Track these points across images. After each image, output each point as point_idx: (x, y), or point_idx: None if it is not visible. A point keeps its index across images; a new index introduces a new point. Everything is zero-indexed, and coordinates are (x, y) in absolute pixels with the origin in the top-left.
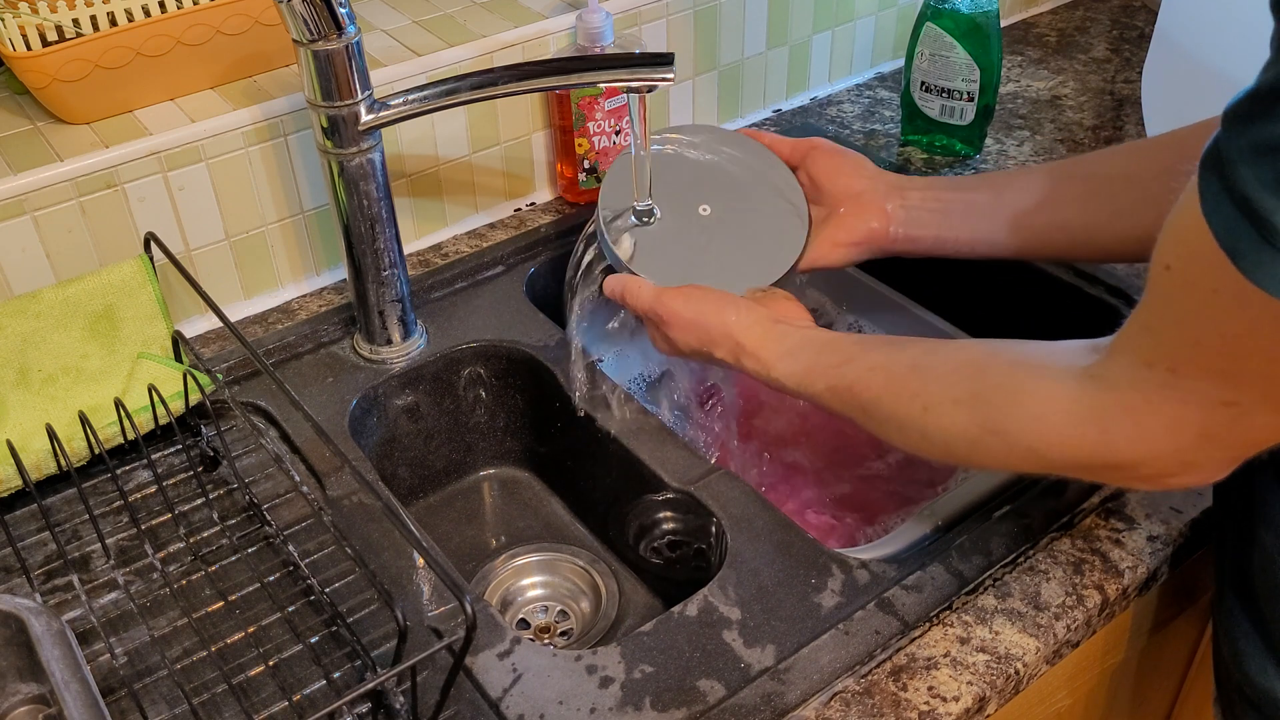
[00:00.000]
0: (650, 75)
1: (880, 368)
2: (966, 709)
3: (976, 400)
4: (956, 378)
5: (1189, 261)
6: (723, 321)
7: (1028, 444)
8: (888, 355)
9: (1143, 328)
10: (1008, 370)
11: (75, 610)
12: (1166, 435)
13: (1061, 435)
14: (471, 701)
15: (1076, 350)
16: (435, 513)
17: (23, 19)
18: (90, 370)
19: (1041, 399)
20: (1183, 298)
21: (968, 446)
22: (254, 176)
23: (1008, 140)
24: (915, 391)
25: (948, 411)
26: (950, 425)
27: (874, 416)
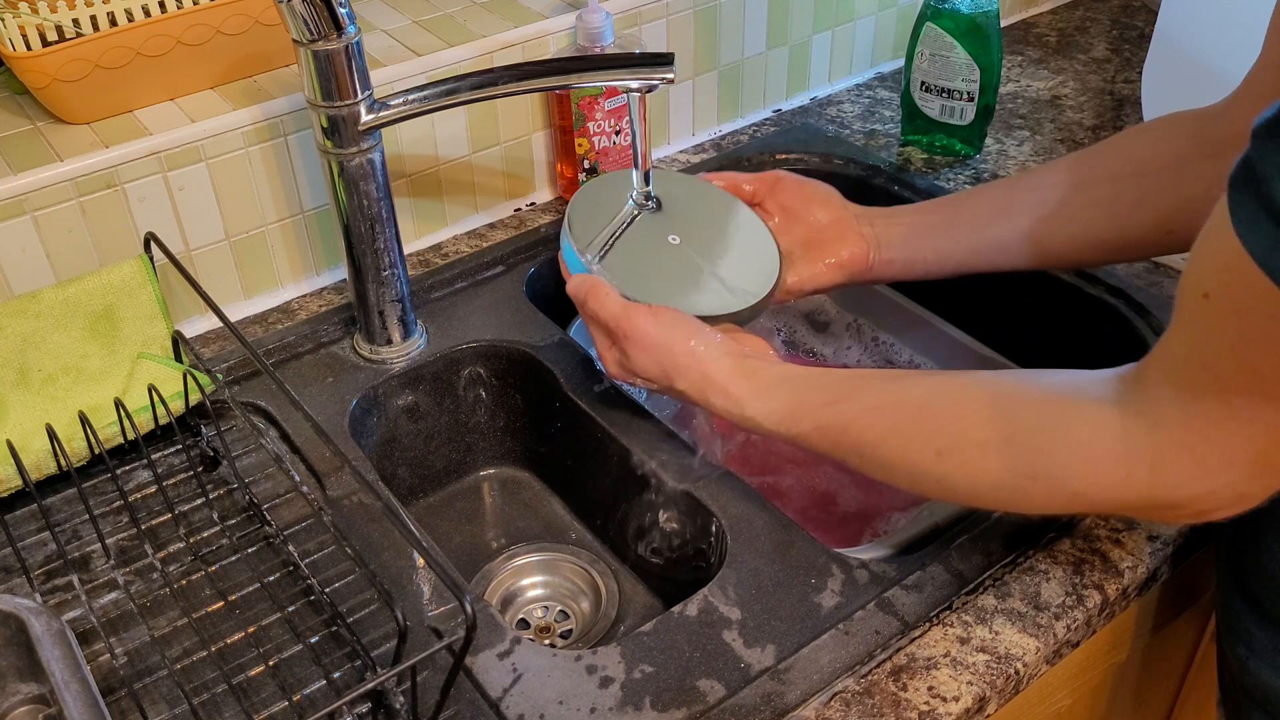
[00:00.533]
0: (650, 75)
1: (885, 408)
2: (966, 709)
3: (1008, 444)
4: (979, 419)
5: (1231, 287)
6: (690, 350)
7: (1074, 489)
8: (891, 394)
9: (1188, 359)
10: (1039, 409)
11: (75, 610)
12: (1224, 469)
13: (1113, 478)
14: (471, 701)
15: (1108, 384)
16: (435, 513)
17: (23, 19)
18: (90, 370)
19: (1085, 441)
20: (1231, 326)
21: (1001, 493)
22: (254, 176)
23: (1008, 140)
24: (930, 434)
25: (973, 456)
26: (979, 471)
27: (874, 460)
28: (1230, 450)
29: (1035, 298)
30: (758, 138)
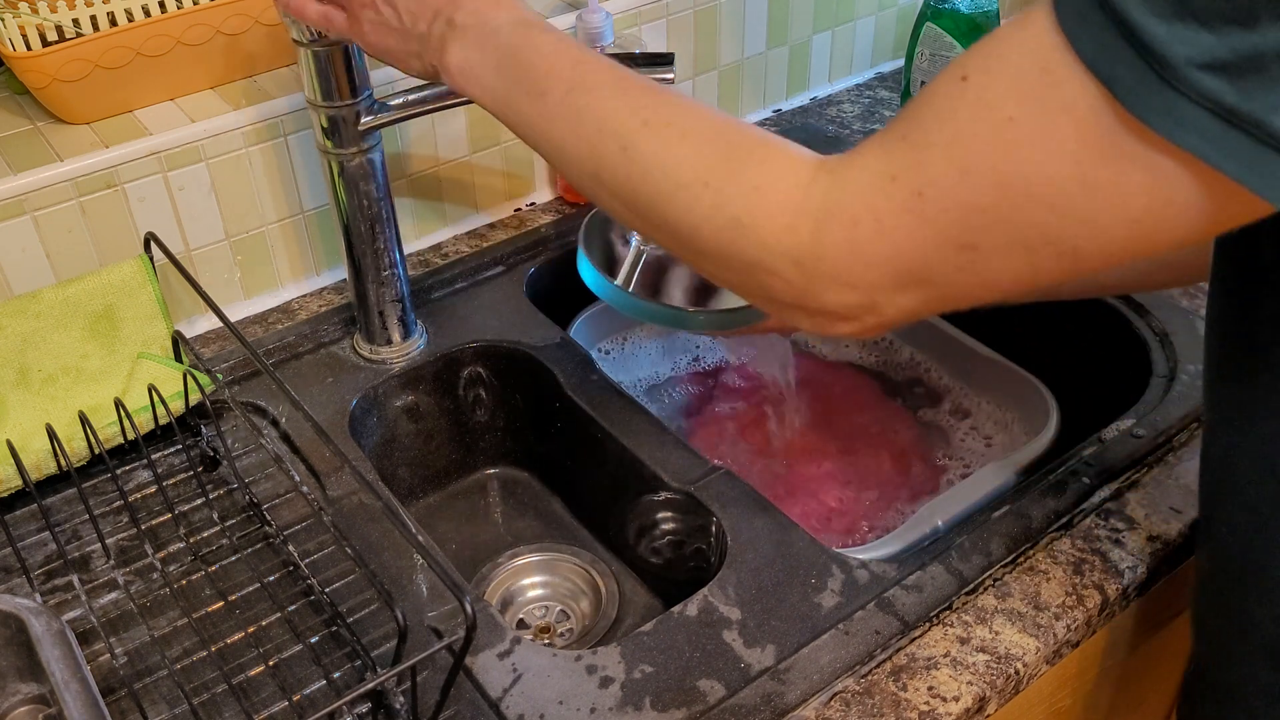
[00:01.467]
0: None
1: (606, 69)
2: (966, 709)
3: (705, 142)
4: (695, 116)
5: (1000, 76)
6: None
7: (734, 212)
8: (612, 63)
9: (901, 138)
10: (754, 134)
11: (75, 610)
12: (883, 262)
13: (773, 217)
14: (471, 701)
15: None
16: (435, 513)
17: (23, 19)
18: (90, 370)
19: (769, 171)
20: (971, 116)
21: (670, 188)
22: (254, 176)
23: None
24: (643, 105)
25: (672, 141)
26: (665, 157)
27: (563, 109)
28: (897, 246)
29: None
30: None
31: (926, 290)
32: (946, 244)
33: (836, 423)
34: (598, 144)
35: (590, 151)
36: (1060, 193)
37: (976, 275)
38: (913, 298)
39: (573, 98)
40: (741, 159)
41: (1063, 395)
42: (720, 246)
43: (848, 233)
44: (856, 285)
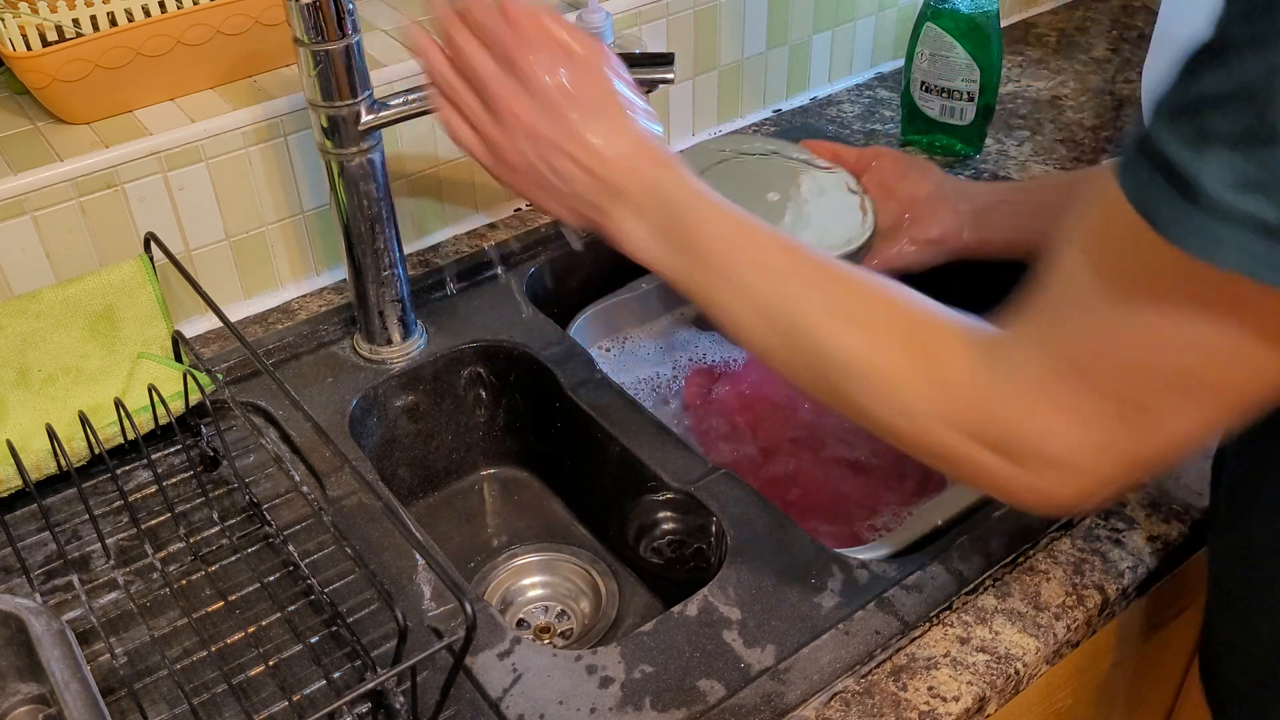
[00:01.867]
0: (650, 75)
1: (780, 246)
2: (966, 709)
3: (884, 334)
4: (871, 303)
5: (1102, 240)
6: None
7: (924, 408)
8: (784, 239)
9: (1048, 316)
10: (927, 317)
11: (75, 610)
12: (1066, 428)
13: (963, 410)
14: (471, 701)
15: (978, 321)
16: (435, 513)
17: (23, 19)
18: (90, 370)
19: (951, 364)
20: (1094, 283)
21: (854, 381)
22: (254, 176)
23: (1008, 140)
24: (818, 291)
25: (850, 333)
26: (846, 350)
27: (737, 288)
28: (1073, 410)
29: None
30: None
31: (1116, 454)
32: (1122, 407)
33: (837, 422)
34: (774, 325)
35: (767, 330)
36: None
37: (1160, 433)
38: (1108, 462)
39: (746, 276)
40: (922, 353)
41: None
42: (916, 440)
43: (1030, 417)
44: (1054, 464)
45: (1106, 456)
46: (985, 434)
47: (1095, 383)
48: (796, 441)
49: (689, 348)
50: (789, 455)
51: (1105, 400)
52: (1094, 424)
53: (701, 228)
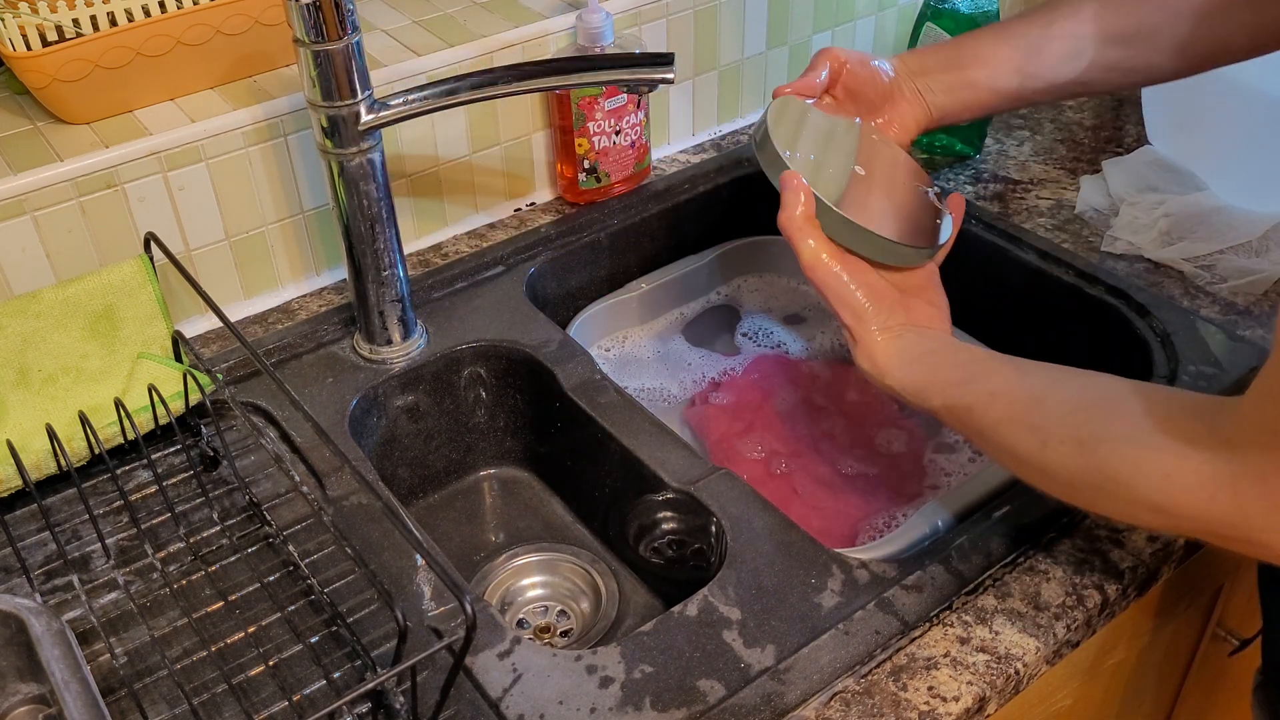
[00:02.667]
0: (650, 75)
1: (1002, 394)
2: (966, 709)
3: (1100, 445)
4: (1081, 418)
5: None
6: (857, 308)
7: (1154, 502)
8: (1009, 382)
9: (1266, 393)
10: (1136, 418)
11: (75, 610)
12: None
13: (1192, 497)
14: (471, 701)
15: (1205, 405)
16: (435, 513)
17: (23, 19)
18: (90, 370)
19: (1171, 456)
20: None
21: (1091, 492)
22: (254, 176)
23: (1007, 140)
24: (1035, 425)
25: (1070, 452)
26: (1073, 466)
27: (992, 443)
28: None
29: (1035, 298)
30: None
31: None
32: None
33: (837, 422)
34: (1020, 470)
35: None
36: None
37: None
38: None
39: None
40: (1137, 450)
41: None
42: (1158, 527)
43: (1261, 489)
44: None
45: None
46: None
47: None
48: (797, 441)
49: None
50: (789, 455)
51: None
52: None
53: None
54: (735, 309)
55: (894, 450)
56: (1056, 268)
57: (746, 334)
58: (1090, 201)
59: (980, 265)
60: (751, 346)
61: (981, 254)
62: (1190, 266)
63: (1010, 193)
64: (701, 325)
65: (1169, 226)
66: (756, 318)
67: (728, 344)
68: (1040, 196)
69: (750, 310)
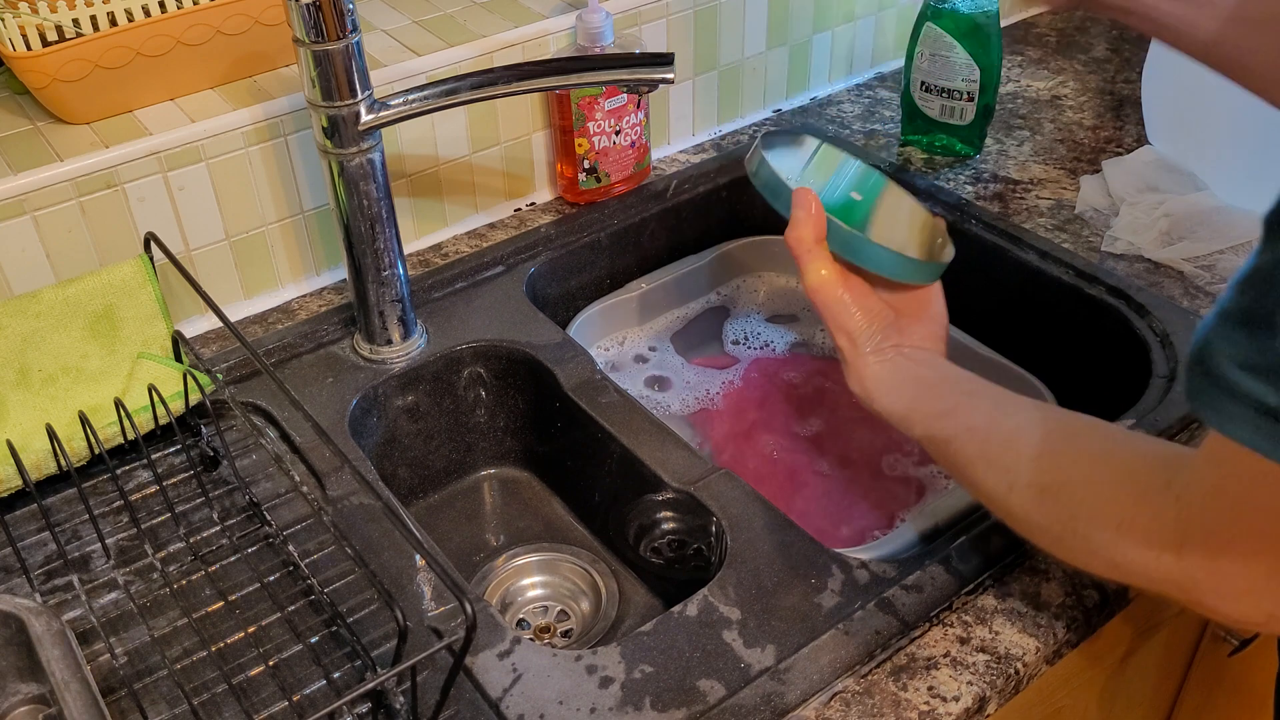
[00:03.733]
0: (650, 75)
1: (977, 431)
2: (967, 709)
3: (1061, 491)
4: (1046, 464)
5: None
6: (851, 330)
7: (1108, 556)
8: (987, 418)
9: (1211, 456)
10: (1097, 467)
11: (75, 610)
12: (1242, 571)
13: (1140, 554)
14: (471, 701)
15: (1167, 456)
16: (435, 513)
17: (23, 19)
18: (90, 370)
19: (1123, 509)
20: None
21: (1050, 540)
22: (254, 176)
23: (1008, 140)
24: (1006, 466)
25: (1033, 498)
26: (1034, 513)
27: (964, 479)
28: (1250, 574)
29: (1035, 298)
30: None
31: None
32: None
33: (837, 422)
34: (990, 507)
35: (989, 508)
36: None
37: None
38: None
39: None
40: (1094, 500)
41: (1062, 395)
42: (1115, 580)
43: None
44: (1238, 594)
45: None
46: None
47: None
48: (797, 440)
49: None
50: (789, 454)
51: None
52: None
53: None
54: (735, 309)
55: (895, 450)
56: (1056, 268)
57: (747, 334)
58: (1090, 201)
59: (980, 265)
60: (752, 347)
61: (981, 254)
62: (1190, 266)
63: (1010, 193)
64: (701, 325)
65: (1169, 226)
66: (757, 318)
67: (728, 344)
68: (1040, 196)
69: (751, 310)
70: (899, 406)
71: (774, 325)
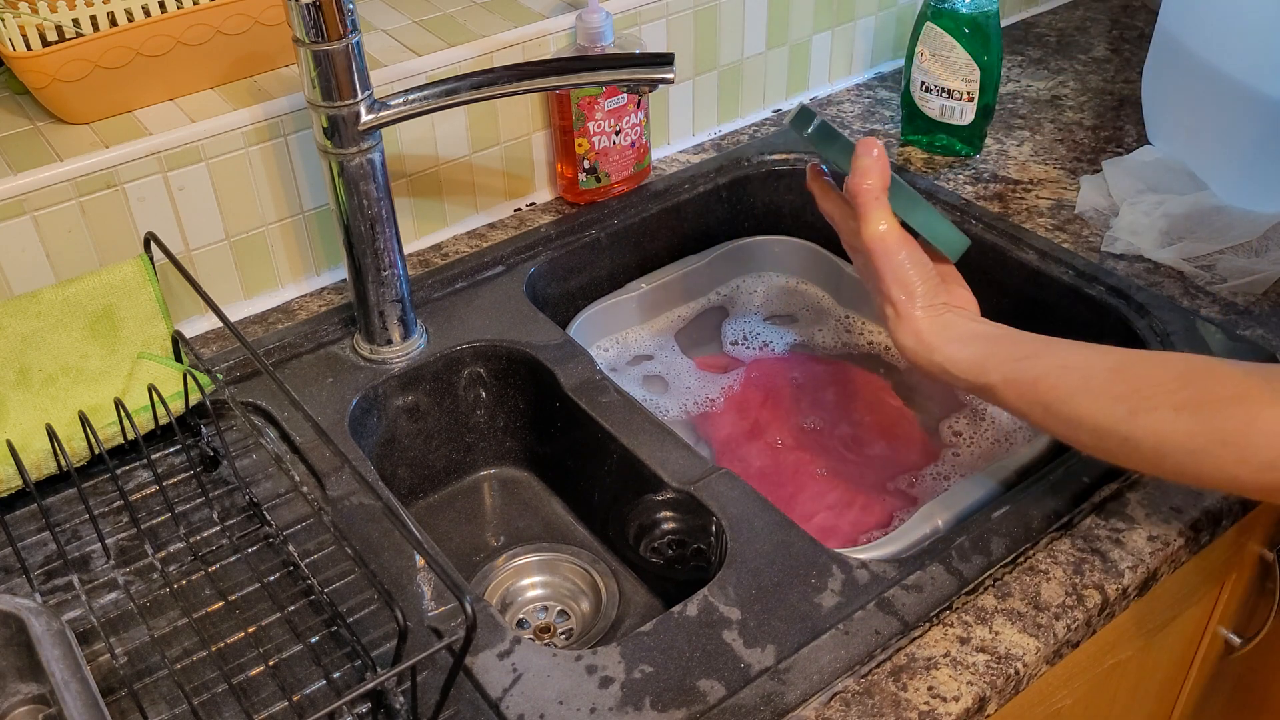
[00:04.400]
0: (650, 75)
1: (1075, 367)
2: (967, 709)
3: (1204, 407)
4: (1178, 384)
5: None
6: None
7: (1267, 459)
8: (1083, 355)
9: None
10: (1238, 381)
11: (75, 610)
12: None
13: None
14: (471, 701)
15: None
16: (435, 513)
17: (23, 19)
18: (90, 370)
19: (1267, 421)
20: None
21: (1187, 456)
22: (254, 176)
23: (1008, 140)
24: (1120, 395)
25: (1165, 419)
26: (1168, 432)
27: (1060, 415)
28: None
29: (1035, 298)
30: (758, 138)
31: None
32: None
33: (837, 422)
34: (1096, 441)
35: (1093, 441)
36: None
37: None
38: None
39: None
40: (1247, 410)
41: None
42: (1257, 484)
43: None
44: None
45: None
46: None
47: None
48: (797, 441)
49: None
50: (790, 455)
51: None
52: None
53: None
54: (735, 309)
55: (895, 450)
56: (1056, 268)
57: (747, 334)
58: (1090, 201)
59: (980, 265)
60: (752, 347)
61: (981, 254)
62: (1190, 266)
63: (1010, 193)
64: (702, 325)
65: (1169, 226)
66: (756, 318)
67: (727, 344)
68: (1040, 196)
69: (750, 310)
70: (968, 353)
71: (774, 325)
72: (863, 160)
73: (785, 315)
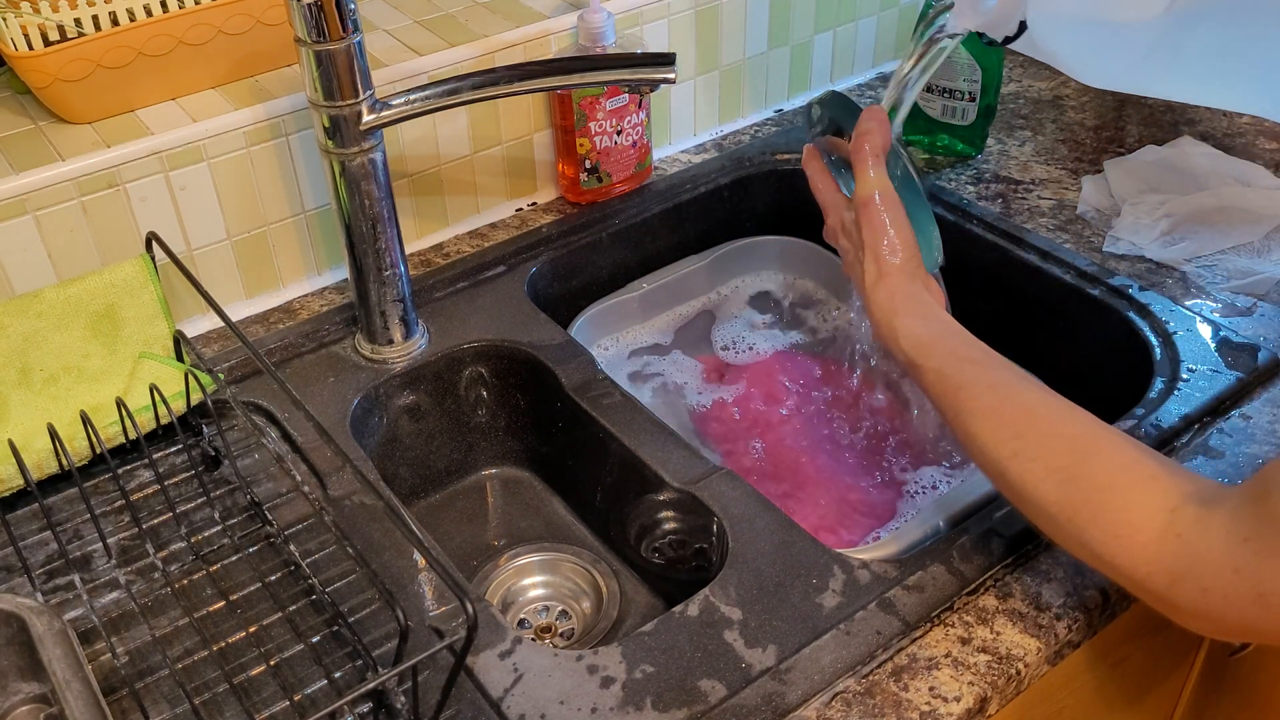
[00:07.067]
0: (652, 75)
1: (998, 389)
2: (968, 709)
3: (1070, 481)
4: (1064, 447)
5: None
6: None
7: (1097, 550)
8: (1009, 382)
9: (1254, 510)
10: (1113, 470)
11: (76, 610)
12: (1228, 620)
13: (1133, 565)
14: (472, 701)
15: (1186, 483)
16: (436, 512)
17: (25, 19)
18: (92, 370)
19: (1129, 520)
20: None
21: (1042, 518)
22: (255, 176)
23: (1009, 140)
24: (1015, 433)
25: (1038, 473)
26: (1034, 488)
27: (964, 428)
28: (1236, 613)
29: (1037, 298)
30: (759, 138)
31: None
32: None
33: (838, 422)
34: (980, 463)
35: (978, 463)
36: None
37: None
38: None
39: (957, 421)
40: (1102, 500)
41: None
42: (1093, 565)
43: (1199, 598)
44: (1209, 625)
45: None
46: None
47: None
48: (798, 441)
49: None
50: (791, 455)
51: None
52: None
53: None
54: (735, 309)
55: (897, 450)
56: (1058, 268)
57: (747, 335)
58: (1092, 202)
59: (981, 265)
60: (753, 347)
61: (983, 254)
62: (1192, 266)
63: (1012, 193)
64: (702, 325)
65: (1170, 227)
66: (757, 318)
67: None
68: (1042, 197)
69: (751, 310)
70: (923, 332)
71: (774, 325)
72: (866, 123)
73: (786, 315)
